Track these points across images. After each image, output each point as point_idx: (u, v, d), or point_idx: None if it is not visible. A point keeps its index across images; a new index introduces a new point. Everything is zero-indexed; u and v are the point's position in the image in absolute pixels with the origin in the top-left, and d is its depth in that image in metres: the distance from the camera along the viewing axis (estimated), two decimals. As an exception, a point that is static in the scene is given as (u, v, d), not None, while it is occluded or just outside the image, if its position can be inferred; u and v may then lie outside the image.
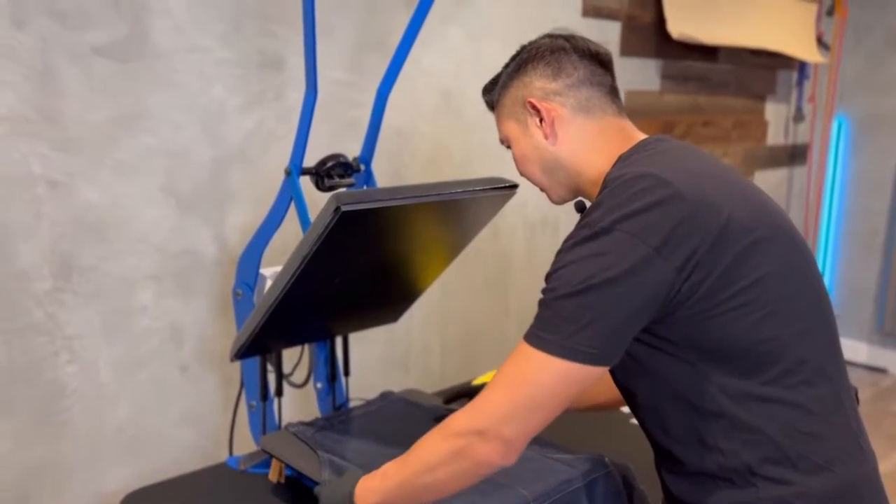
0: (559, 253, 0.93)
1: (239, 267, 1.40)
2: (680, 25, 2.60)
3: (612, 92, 1.05)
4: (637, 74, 2.64)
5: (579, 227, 0.92)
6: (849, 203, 3.72)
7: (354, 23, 1.83)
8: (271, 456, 1.24)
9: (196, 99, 1.59)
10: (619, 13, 2.51)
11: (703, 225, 0.88)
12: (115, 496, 1.54)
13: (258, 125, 1.69)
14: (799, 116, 3.50)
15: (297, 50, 1.73)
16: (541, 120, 1.03)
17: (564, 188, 1.07)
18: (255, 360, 1.39)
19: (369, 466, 1.12)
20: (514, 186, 1.23)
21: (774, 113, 3.39)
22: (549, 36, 1.06)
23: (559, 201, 1.10)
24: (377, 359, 2.03)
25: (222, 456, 1.70)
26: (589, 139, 1.02)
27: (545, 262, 2.46)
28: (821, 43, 3.38)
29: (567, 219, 2.49)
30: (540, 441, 1.24)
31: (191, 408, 1.69)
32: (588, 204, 1.08)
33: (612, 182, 0.93)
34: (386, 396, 1.45)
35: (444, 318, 2.18)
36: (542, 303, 0.91)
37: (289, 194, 1.27)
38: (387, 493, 0.98)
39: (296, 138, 1.25)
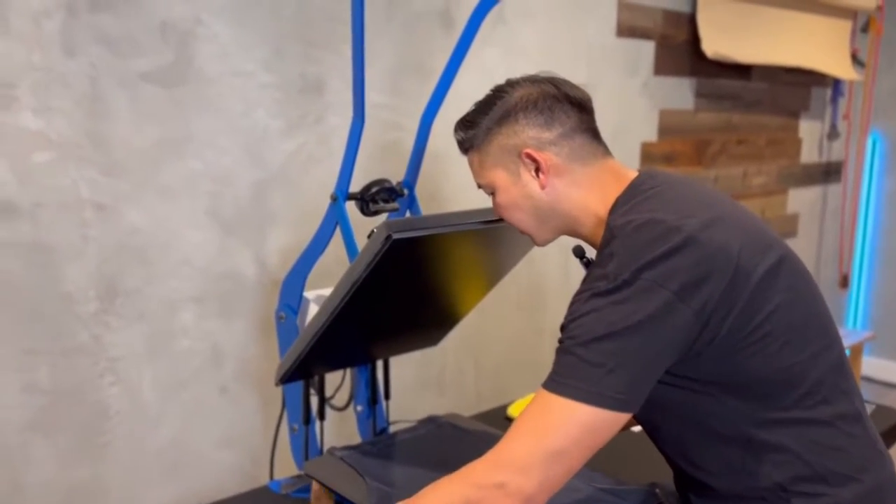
0: (574, 304, 0.93)
1: (283, 290, 1.41)
2: (715, 44, 2.58)
3: (597, 135, 1.06)
4: (671, 93, 2.62)
5: (595, 278, 0.91)
6: (884, 221, 3.66)
7: (393, 46, 1.84)
8: (314, 480, 1.24)
9: (239, 123, 1.61)
10: (654, 32, 2.50)
11: (719, 267, 0.89)
12: (156, 518, 1.54)
13: (299, 148, 1.71)
14: (833, 134, 3.46)
15: (338, 74, 1.74)
16: (537, 170, 1.02)
17: (554, 233, 1.08)
18: (298, 384, 1.39)
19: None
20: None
21: (808, 130, 3.36)
22: (532, 80, 1.05)
23: (544, 244, 1.11)
24: (411, 380, 2.03)
25: (262, 477, 1.70)
26: (584, 186, 1.02)
27: (578, 284, 2.45)
28: (855, 60, 3.35)
29: (601, 239, 2.47)
30: (591, 472, 1.23)
31: (231, 429, 1.69)
32: (586, 248, 1.11)
33: (620, 230, 0.93)
34: (432, 421, 1.45)
35: (478, 341, 2.17)
36: (561, 350, 0.91)
37: (334, 219, 1.27)
38: None
39: (342, 165, 1.25)
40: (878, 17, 3.33)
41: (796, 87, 3.20)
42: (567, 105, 1.02)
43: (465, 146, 1.08)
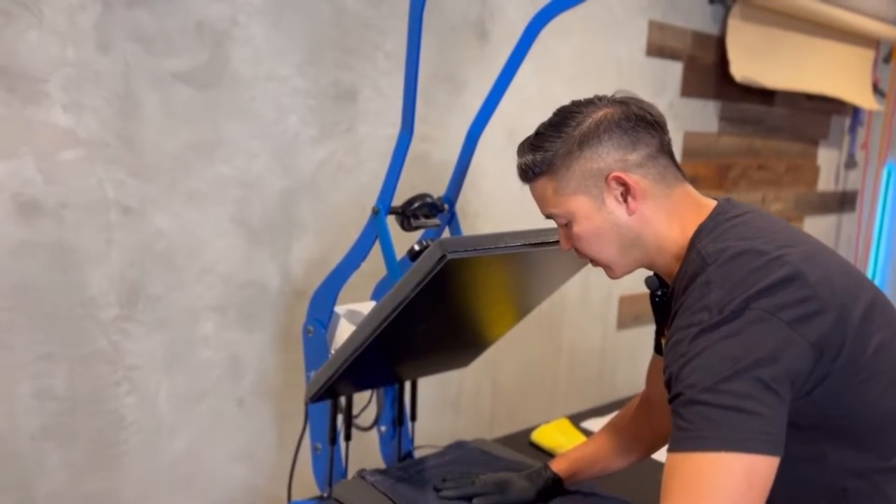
0: (677, 345, 0.84)
1: (312, 303, 1.36)
2: (743, 69, 2.56)
3: (674, 157, 0.99)
4: (696, 115, 2.59)
5: (695, 311, 0.84)
6: (896, 252, 3.64)
7: (426, 56, 1.80)
8: (344, 506, 1.19)
9: (271, 128, 1.56)
10: (682, 53, 2.47)
11: (826, 300, 0.83)
12: (167, 534, 1.49)
13: (329, 157, 1.66)
14: (851, 163, 3.44)
15: (371, 83, 1.70)
16: (623, 195, 0.94)
17: (635, 264, 0.99)
18: (324, 402, 1.34)
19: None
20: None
21: (826, 158, 3.33)
22: (609, 101, 0.98)
23: (621, 276, 1.02)
24: (427, 400, 1.98)
25: (276, 495, 1.65)
26: (667, 212, 0.95)
27: (598, 302, 2.41)
28: (876, 90, 3.33)
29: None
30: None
31: (246, 444, 1.64)
32: (653, 276, 1.02)
33: (713, 257, 0.87)
34: (459, 446, 1.40)
35: (496, 359, 2.13)
36: (685, 403, 0.80)
37: (373, 233, 1.23)
38: None
39: (386, 177, 1.21)
40: (901, 47, 3.32)
41: (817, 114, 3.18)
42: (648, 125, 0.95)
43: (535, 171, 0.99)
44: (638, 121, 0.95)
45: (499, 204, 2.04)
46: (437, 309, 1.13)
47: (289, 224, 1.63)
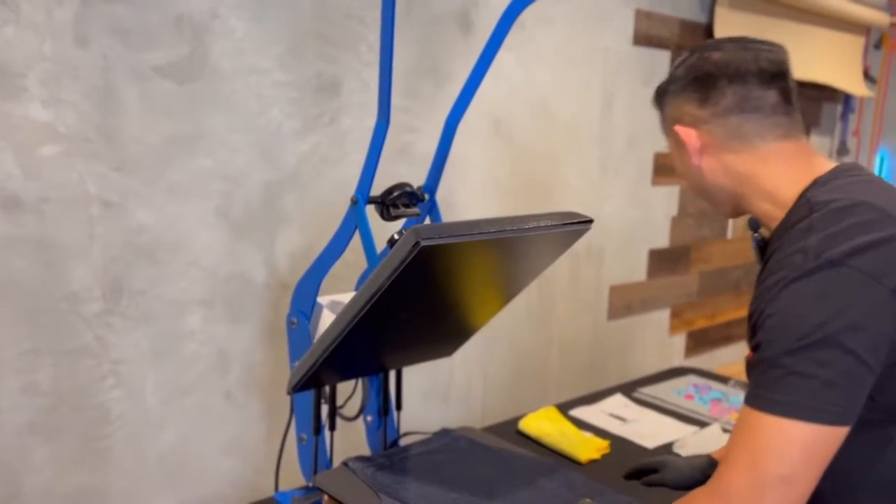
0: (767, 292, 0.83)
1: (295, 294, 1.36)
2: (731, 56, 2.55)
3: (777, 111, 0.95)
4: (685, 104, 2.59)
5: (790, 253, 0.82)
6: (891, 239, 3.63)
7: (409, 48, 1.80)
8: (325, 493, 1.19)
9: (254, 121, 1.56)
10: (670, 42, 2.47)
11: None
12: (156, 527, 1.49)
13: (312, 149, 1.66)
14: (843, 150, 3.43)
15: (354, 75, 1.70)
16: (686, 147, 1.00)
17: (727, 207, 1.04)
18: (309, 393, 1.34)
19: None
20: (588, 221, 1.18)
21: (818, 145, 3.33)
22: (696, 52, 1.01)
23: (724, 216, 1.07)
24: (417, 390, 1.98)
25: (264, 486, 1.65)
26: (748, 167, 0.96)
27: (589, 292, 2.41)
28: (867, 76, 3.33)
29: (614, 249, 2.44)
30: (615, 495, 1.19)
31: (234, 436, 1.64)
32: (754, 219, 1.04)
33: (822, 206, 0.85)
34: (445, 434, 1.40)
35: (486, 350, 2.13)
36: (764, 362, 0.81)
37: (353, 223, 1.23)
38: None
39: (364, 167, 1.21)
40: (892, 33, 3.31)
41: (808, 101, 3.18)
42: (724, 81, 0.96)
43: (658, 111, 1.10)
44: (713, 78, 0.96)
45: (487, 194, 2.05)
46: (416, 297, 1.14)
47: (273, 217, 1.63)
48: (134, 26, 1.38)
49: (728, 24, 2.56)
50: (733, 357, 3.09)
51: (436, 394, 2.03)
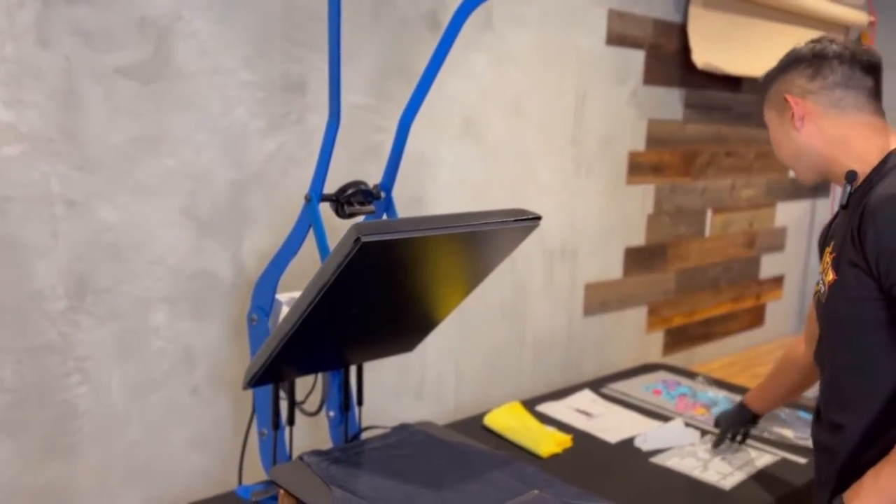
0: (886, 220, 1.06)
1: (255, 292, 1.38)
2: (705, 55, 2.58)
3: (872, 94, 1.22)
4: (660, 103, 2.61)
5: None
6: (872, 237, 3.65)
7: (378, 48, 1.82)
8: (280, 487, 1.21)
9: (218, 121, 1.58)
10: (644, 42, 2.49)
11: None
12: (122, 521, 1.51)
13: (279, 148, 1.68)
14: (823, 148, 3.45)
15: (321, 74, 1.72)
16: (793, 113, 1.22)
17: (812, 171, 1.27)
18: (268, 388, 1.37)
19: (383, 504, 1.09)
20: (536, 218, 1.20)
21: (798, 144, 3.35)
22: (815, 41, 1.26)
23: (806, 182, 1.30)
24: (389, 386, 2.00)
25: (232, 481, 1.67)
26: (842, 133, 1.21)
27: (563, 290, 2.43)
28: (846, 75, 3.34)
29: (588, 247, 2.46)
30: (563, 486, 1.21)
31: (202, 432, 1.66)
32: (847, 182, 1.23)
33: None
34: (404, 428, 1.42)
35: (459, 346, 2.15)
36: None
37: (308, 220, 1.25)
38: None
39: (317, 165, 1.23)
40: (870, 32, 3.34)
41: (786, 100, 3.20)
42: (835, 62, 1.21)
43: (760, 92, 1.33)
44: (823, 58, 1.21)
45: (457, 193, 2.07)
46: (366, 292, 1.16)
47: (239, 216, 1.65)
48: (96, 28, 1.40)
49: (703, 24, 2.58)
50: (712, 354, 3.11)
51: (408, 390, 2.05)
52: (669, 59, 2.60)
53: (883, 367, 1.10)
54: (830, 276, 1.18)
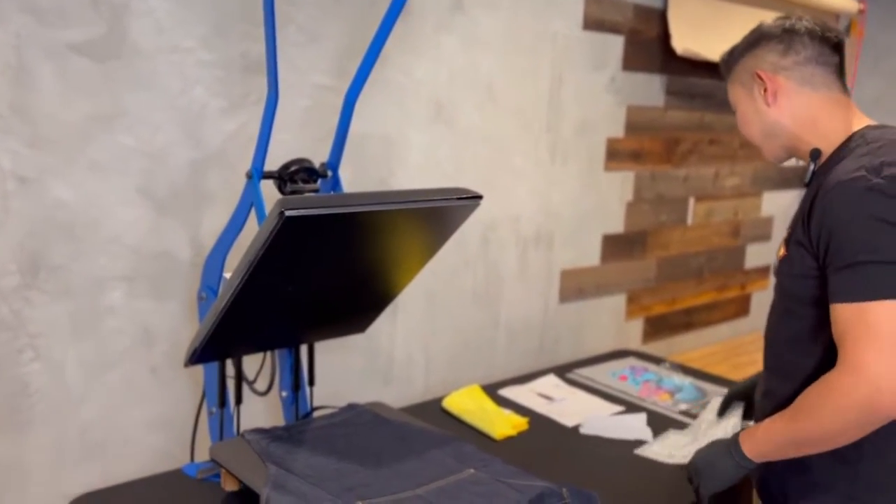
0: (831, 205, 1.06)
1: (204, 270, 1.39)
2: (685, 41, 2.55)
3: (838, 72, 1.21)
4: (640, 89, 2.59)
5: (849, 171, 1.06)
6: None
7: (345, 29, 1.81)
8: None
9: (176, 100, 1.58)
10: (623, 27, 2.47)
11: None
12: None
13: (240, 128, 1.68)
14: (812, 138, 3.42)
15: (282, 55, 1.71)
16: (765, 89, 1.20)
17: (780, 150, 1.25)
18: (215, 365, 1.37)
19: (317, 483, 1.09)
20: (476, 198, 1.20)
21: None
22: (782, 18, 1.25)
23: (774, 160, 1.28)
24: (357, 369, 2.00)
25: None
26: (812, 110, 1.19)
27: (539, 276, 2.43)
28: (836, 64, 3.31)
29: (565, 234, 2.45)
30: (501, 465, 1.20)
31: (161, 412, 1.67)
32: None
33: (877, 140, 1.11)
34: (352, 408, 1.42)
35: (429, 330, 2.15)
36: (851, 266, 1.02)
37: (250, 198, 1.25)
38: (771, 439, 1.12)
39: (257, 141, 1.23)
40: (860, 20, 3.30)
41: (774, 88, 3.17)
42: (806, 38, 1.19)
43: (725, 71, 1.31)
44: (794, 34, 1.20)
45: (427, 178, 2.06)
46: (302, 268, 1.15)
47: (199, 196, 1.65)
48: (48, 5, 1.40)
49: (684, 9, 2.56)
50: (695, 343, 3.10)
51: (375, 372, 2.05)
52: (650, 44, 2.58)
53: (814, 339, 1.13)
54: (782, 252, 1.20)
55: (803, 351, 1.15)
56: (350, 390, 1.97)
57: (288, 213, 0.97)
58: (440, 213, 1.18)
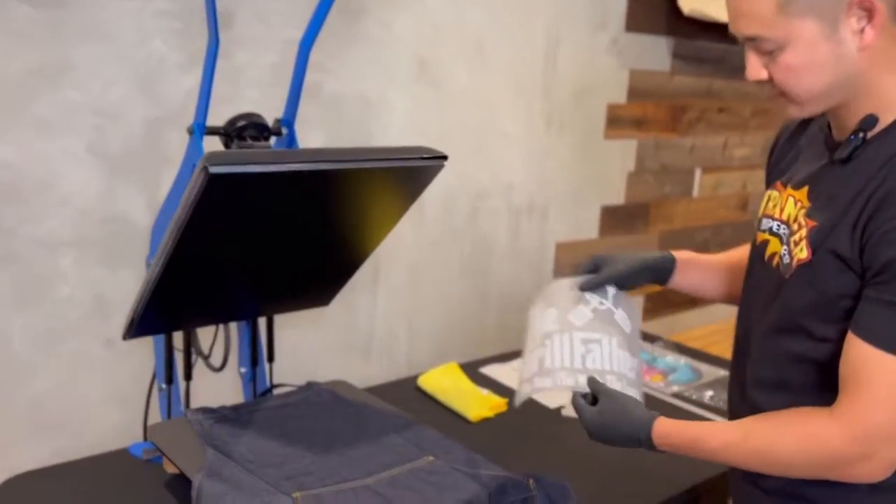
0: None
1: (151, 236, 1.28)
2: (692, 1, 2.40)
3: None
4: (644, 52, 2.44)
5: None
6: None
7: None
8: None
9: (130, 53, 1.46)
10: (626, -16, 2.32)
11: None
12: (24, 476, 1.44)
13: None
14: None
15: (249, 6, 1.59)
16: (863, 27, 0.83)
17: (826, 106, 0.91)
18: (162, 339, 1.27)
19: (256, 471, 0.99)
20: (440, 158, 1.08)
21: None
22: None
23: (804, 115, 0.93)
24: (335, 343, 1.90)
25: (148, 439, 1.59)
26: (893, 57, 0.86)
27: (532, 249, 2.30)
28: (856, 29, 3.13)
29: (560, 205, 2.32)
30: (463, 452, 1.10)
31: (118, 386, 1.58)
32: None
33: None
34: (310, 387, 1.32)
35: (412, 304, 2.04)
36: (887, 303, 0.82)
37: (193, 158, 1.14)
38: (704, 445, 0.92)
39: (199, 93, 1.11)
40: None
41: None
42: None
43: None
44: None
45: (410, 140, 1.93)
46: (245, 234, 1.04)
47: (157, 156, 1.54)
48: (-17, -55, 1.28)
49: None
50: (698, 321, 2.98)
51: (353, 349, 1.95)
52: (656, 4, 2.42)
53: (831, 365, 0.89)
54: (804, 254, 0.90)
55: (811, 371, 0.93)
56: (326, 367, 1.87)
57: (213, 169, 0.86)
58: (398, 175, 1.07)
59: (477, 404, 1.50)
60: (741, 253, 1.19)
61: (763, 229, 1.02)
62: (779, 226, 0.98)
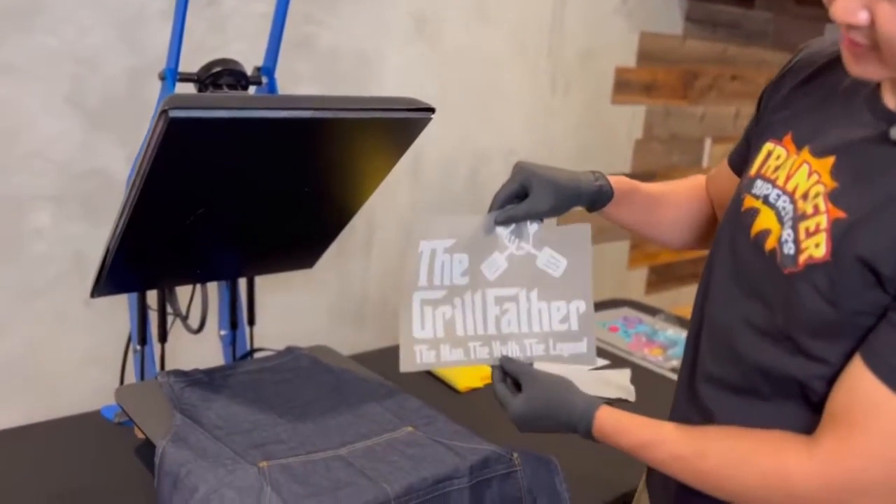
0: None
1: (125, 190, 1.21)
2: (708, -41, 2.29)
3: None
4: (656, 14, 2.34)
5: None
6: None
7: (310, -76, 1.60)
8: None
9: (108, -3, 1.39)
10: (639, -59, 2.22)
11: None
12: (-3, 436, 1.39)
13: (186, 34, 1.48)
14: (846, 78, 3.15)
15: (237, -50, 1.51)
16: None
17: None
18: (135, 298, 1.21)
19: (222, 438, 0.94)
20: (427, 110, 1.00)
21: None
22: None
23: (875, 79, 0.73)
24: (322, 310, 1.85)
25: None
26: None
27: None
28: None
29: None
30: (445, 424, 1.04)
31: (97, 345, 1.52)
32: None
33: None
34: (290, 352, 1.26)
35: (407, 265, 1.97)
36: None
37: (166, 105, 1.06)
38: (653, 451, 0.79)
39: (171, 34, 1.04)
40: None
41: (807, 20, 2.88)
42: None
43: None
44: None
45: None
46: (212, 185, 0.98)
47: (139, 108, 1.46)
48: None
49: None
50: (703, 296, 2.91)
51: (345, 314, 1.90)
52: (669, -37, 2.32)
53: (827, 385, 0.72)
54: (820, 252, 0.69)
55: (789, 387, 0.75)
56: (316, 332, 1.81)
57: (173, 113, 0.79)
58: (382, 127, 1.00)
59: (465, 375, 1.44)
60: (696, 188, 1.04)
61: (755, 194, 0.80)
62: (779, 196, 0.77)
